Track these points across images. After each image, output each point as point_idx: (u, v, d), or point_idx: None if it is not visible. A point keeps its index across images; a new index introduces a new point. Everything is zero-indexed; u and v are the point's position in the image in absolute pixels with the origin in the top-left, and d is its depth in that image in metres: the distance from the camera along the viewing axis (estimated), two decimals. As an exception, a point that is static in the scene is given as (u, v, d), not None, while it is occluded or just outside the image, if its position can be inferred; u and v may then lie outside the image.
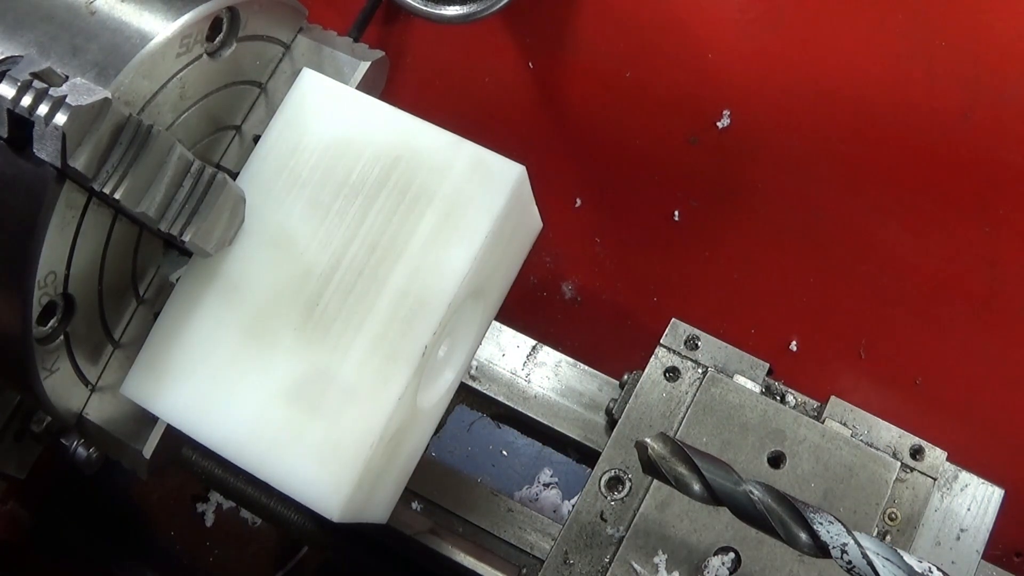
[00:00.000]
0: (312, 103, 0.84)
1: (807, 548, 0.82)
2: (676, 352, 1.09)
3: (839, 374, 1.47)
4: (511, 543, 1.15)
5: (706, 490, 0.83)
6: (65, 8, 0.74)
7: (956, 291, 1.39)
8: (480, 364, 1.23)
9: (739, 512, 0.83)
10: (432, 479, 1.17)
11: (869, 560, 0.81)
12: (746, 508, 0.83)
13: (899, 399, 1.44)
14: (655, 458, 0.84)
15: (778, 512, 0.82)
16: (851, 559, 0.81)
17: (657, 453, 0.84)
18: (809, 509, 0.82)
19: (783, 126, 1.39)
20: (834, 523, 0.82)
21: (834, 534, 0.81)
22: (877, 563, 0.81)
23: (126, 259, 0.81)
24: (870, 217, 1.40)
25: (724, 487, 0.83)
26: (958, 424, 1.41)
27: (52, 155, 0.67)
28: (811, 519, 0.82)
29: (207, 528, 1.52)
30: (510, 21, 1.46)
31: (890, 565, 0.81)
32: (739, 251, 1.50)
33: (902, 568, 0.81)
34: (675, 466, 0.84)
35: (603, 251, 1.59)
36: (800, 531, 0.82)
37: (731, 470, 0.84)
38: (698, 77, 1.40)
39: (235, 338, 0.79)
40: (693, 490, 0.83)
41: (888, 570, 0.81)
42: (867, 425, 1.05)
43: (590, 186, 1.55)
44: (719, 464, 0.84)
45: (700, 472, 0.83)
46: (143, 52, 0.72)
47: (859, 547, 0.81)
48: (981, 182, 1.32)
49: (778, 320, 1.50)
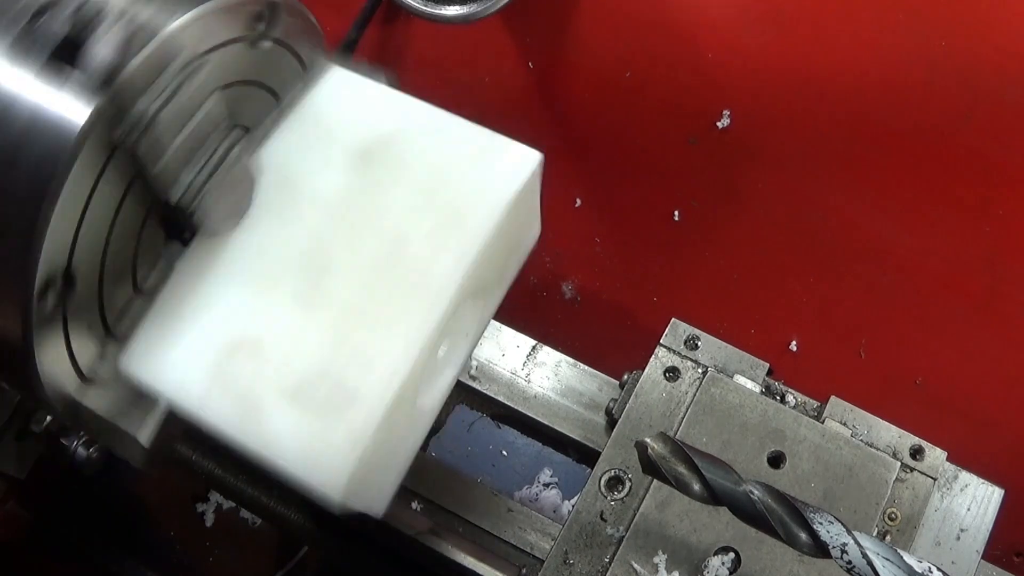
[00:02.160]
0: (339, 92, 0.85)
1: (807, 548, 0.82)
2: (676, 352, 1.09)
3: (839, 374, 1.47)
4: (511, 543, 1.15)
5: (706, 490, 0.83)
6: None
7: (956, 291, 1.39)
8: (480, 364, 1.23)
9: (739, 512, 0.83)
10: (432, 479, 1.17)
11: (869, 560, 0.81)
12: (746, 508, 0.83)
13: (899, 399, 1.44)
14: (655, 458, 0.84)
15: (778, 512, 0.82)
16: (851, 559, 0.81)
17: (657, 453, 0.84)
18: (809, 509, 0.82)
19: (783, 126, 1.39)
20: (834, 523, 0.82)
21: (834, 534, 0.81)
22: (877, 563, 0.81)
23: (129, 244, 0.80)
24: (870, 217, 1.40)
25: (724, 487, 0.83)
26: (958, 424, 1.41)
27: (104, 64, 0.67)
28: (811, 519, 0.82)
29: (207, 528, 1.52)
30: (510, 21, 1.46)
31: (890, 565, 0.81)
32: (739, 251, 1.50)
33: (902, 568, 0.81)
34: (675, 466, 0.84)
35: (603, 251, 1.59)
36: (800, 531, 0.82)
37: (731, 470, 0.84)
38: (698, 77, 1.40)
39: (238, 316, 0.79)
40: (693, 490, 0.83)
41: (888, 570, 0.81)
42: (867, 425, 1.05)
43: (590, 186, 1.56)
44: (719, 464, 0.84)
45: (700, 472, 0.83)
46: (201, 8, 0.72)
47: (859, 547, 0.81)
48: (981, 182, 1.32)
49: (778, 320, 1.50)
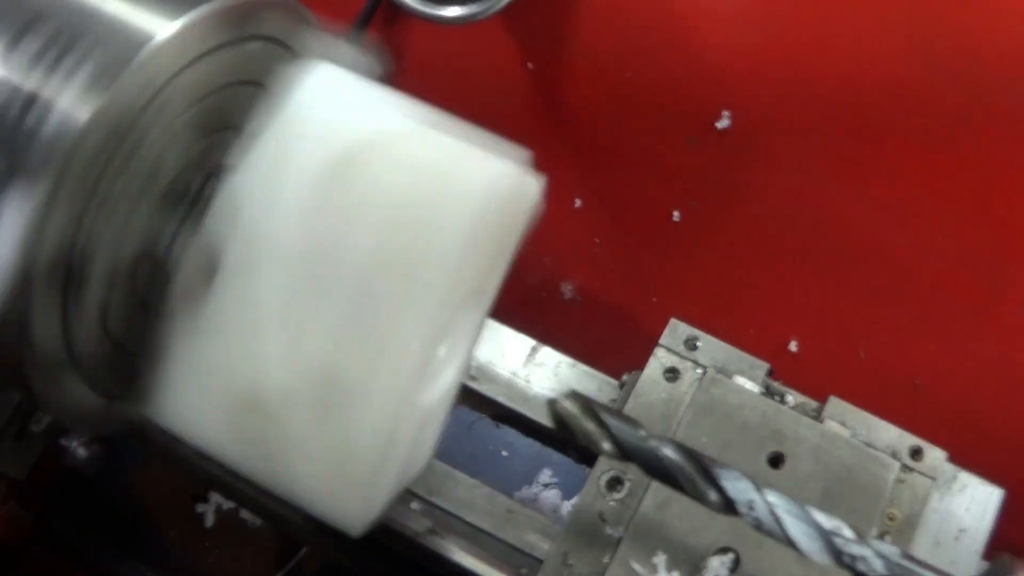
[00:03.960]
0: (311, 104, 0.80)
1: (715, 505, 0.81)
2: (676, 352, 1.09)
3: (839, 374, 1.47)
4: (511, 543, 1.14)
5: (615, 446, 0.82)
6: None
7: (956, 291, 1.39)
8: (480, 364, 1.23)
9: (648, 468, 0.82)
10: (432, 479, 1.17)
11: (776, 516, 0.80)
12: (654, 464, 0.82)
13: (899, 399, 1.44)
14: (565, 415, 0.82)
15: (686, 468, 0.81)
16: (758, 515, 0.81)
17: (567, 410, 0.83)
18: (716, 465, 0.82)
19: (783, 126, 1.39)
20: (741, 479, 0.81)
21: (741, 490, 0.81)
22: (785, 519, 0.80)
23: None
24: (870, 217, 1.40)
25: (632, 443, 0.82)
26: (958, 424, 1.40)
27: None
28: (718, 475, 0.81)
29: (207, 528, 1.52)
30: (510, 21, 1.46)
31: (798, 522, 0.80)
32: (739, 251, 1.50)
33: (810, 524, 0.80)
34: (584, 423, 0.82)
35: (603, 251, 1.59)
36: (708, 487, 0.81)
37: (639, 426, 0.83)
38: (698, 77, 1.40)
39: (234, 368, 0.78)
40: (603, 447, 0.82)
41: (796, 527, 0.80)
42: (867, 425, 1.05)
43: (590, 186, 1.55)
44: (628, 421, 0.83)
45: (608, 429, 0.82)
46: (140, 57, 0.71)
47: (766, 503, 0.80)
48: (981, 182, 1.32)
49: (778, 320, 1.50)
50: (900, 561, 0.80)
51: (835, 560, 0.81)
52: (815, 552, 0.81)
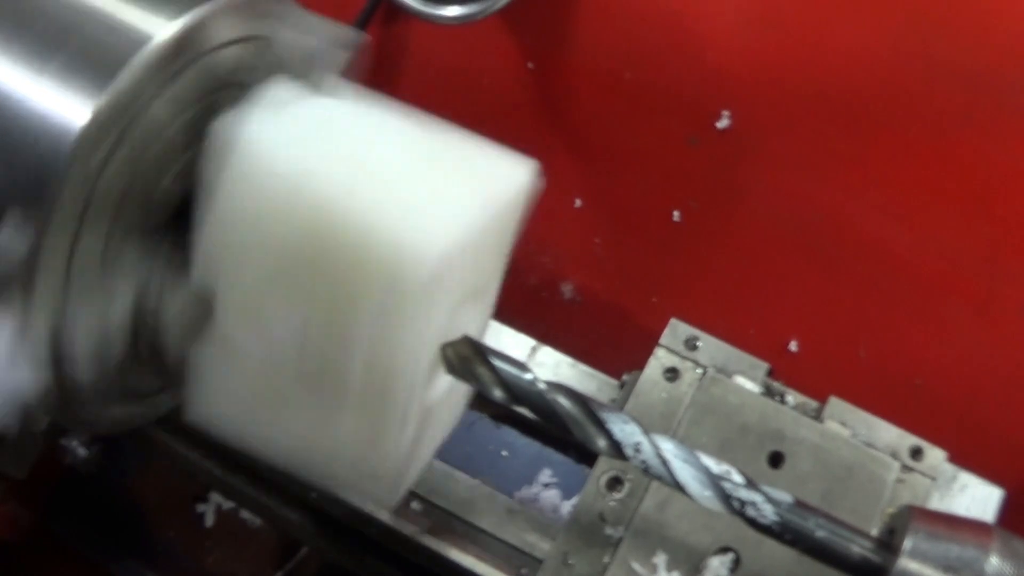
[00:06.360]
0: (267, 145, 0.75)
1: (603, 449, 0.81)
2: (675, 352, 1.09)
3: (839, 374, 1.47)
4: (511, 543, 1.15)
5: (505, 391, 0.82)
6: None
7: (956, 291, 1.39)
8: (480, 364, 1.23)
9: (537, 411, 0.82)
10: (432, 479, 1.17)
11: (664, 459, 0.80)
12: (542, 407, 0.82)
13: (899, 399, 1.44)
14: (454, 359, 0.82)
15: (573, 412, 0.81)
16: (644, 458, 0.80)
17: (459, 354, 0.82)
18: (604, 409, 0.82)
19: (783, 126, 1.39)
20: (629, 423, 0.81)
21: (628, 433, 0.81)
22: (673, 463, 0.80)
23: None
24: (870, 217, 1.40)
25: (521, 387, 0.82)
26: (958, 424, 1.41)
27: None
28: (605, 418, 0.81)
29: (207, 528, 1.52)
30: (510, 21, 1.46)
31: (687, 466, 0.80)
32: (739, 251, 1.50)
33: (698, 468, 0.80)
34: (476, 367, 0.82)
35: (603, 251, 1.59)
36: (595, 431, 0.81)
37: (528, 370, 0.82)
38: (698, 77, 1.40)
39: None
40: (494, 392, 0.82)
41: (685, 471, 0.80)
42: (867, 425, 1.05)
43: (590, 186, 1.55)
44: (518, 365, 0.83)
45: (498, 373, 0.82)
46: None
47: (653, 446, 0.80)
48: (981, 182, 1.32)
49: (778, 320, 1.50)
50: (791, 507, 0.79)
51: (724, 505, 0.80)
52: (705, 498, 0.80)
